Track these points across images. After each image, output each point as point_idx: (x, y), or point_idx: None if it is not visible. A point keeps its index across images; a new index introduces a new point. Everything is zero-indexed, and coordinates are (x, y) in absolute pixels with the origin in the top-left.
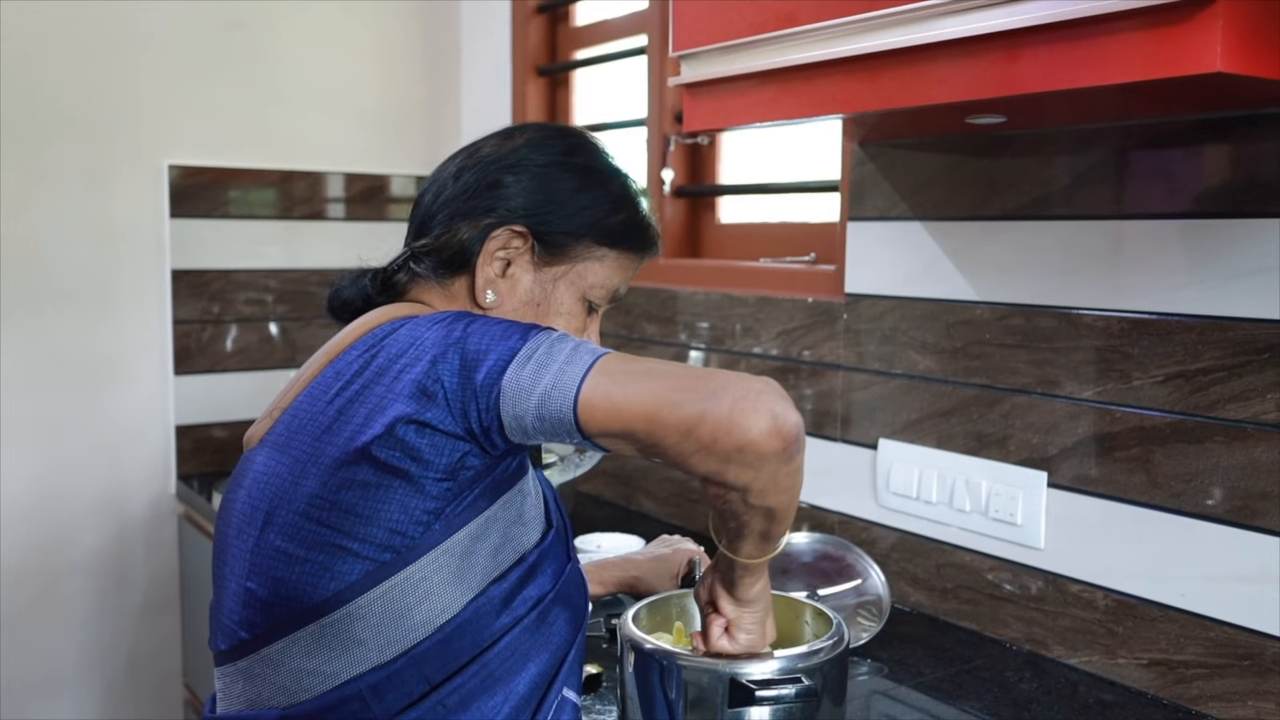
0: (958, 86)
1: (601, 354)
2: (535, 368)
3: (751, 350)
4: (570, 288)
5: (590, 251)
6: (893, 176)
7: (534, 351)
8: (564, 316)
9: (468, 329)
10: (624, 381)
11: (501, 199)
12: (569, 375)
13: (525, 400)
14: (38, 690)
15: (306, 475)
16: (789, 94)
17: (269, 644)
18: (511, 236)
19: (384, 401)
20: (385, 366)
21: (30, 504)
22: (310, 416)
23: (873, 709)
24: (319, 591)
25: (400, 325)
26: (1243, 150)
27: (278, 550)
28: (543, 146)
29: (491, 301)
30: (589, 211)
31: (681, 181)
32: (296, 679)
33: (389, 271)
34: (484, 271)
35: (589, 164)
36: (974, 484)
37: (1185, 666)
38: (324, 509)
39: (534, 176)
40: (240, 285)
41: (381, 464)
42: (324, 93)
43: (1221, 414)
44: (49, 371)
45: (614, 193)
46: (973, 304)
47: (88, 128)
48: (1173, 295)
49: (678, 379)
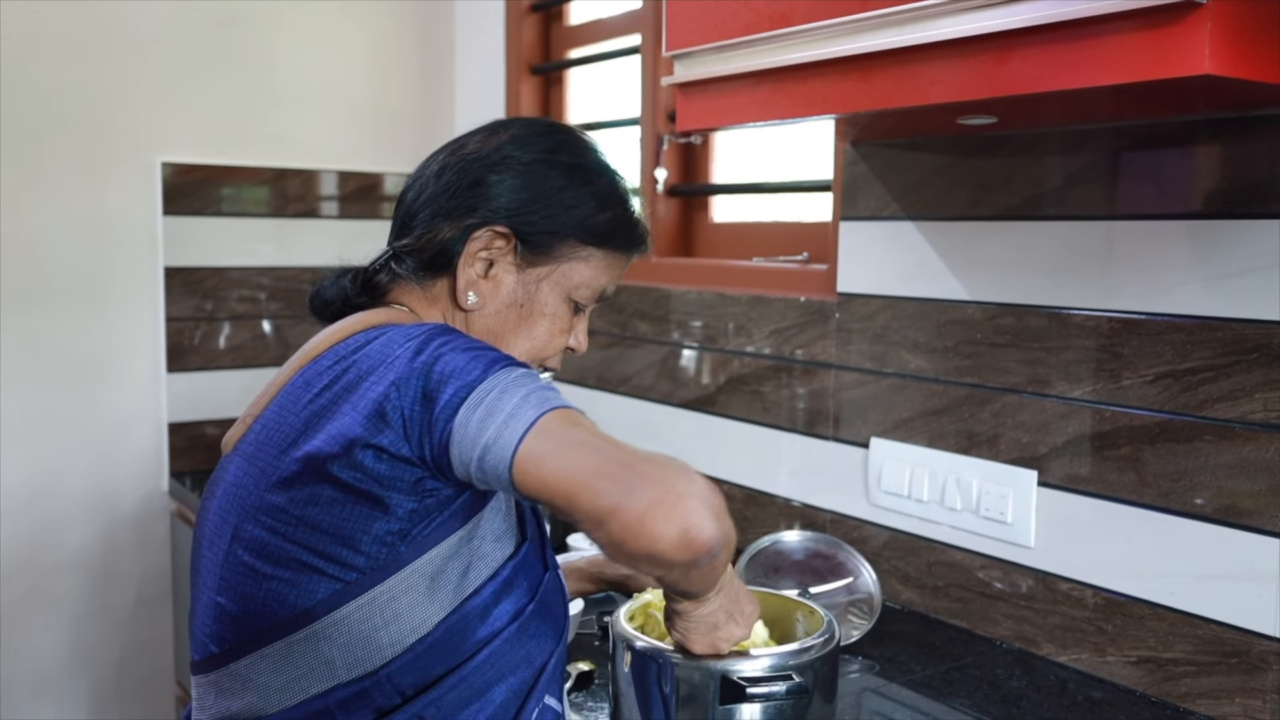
0: (950, 87)
1: (546, 410)
2: (483, 415)
3: (744, 349)
4: (555, 288)
5: (575, 251)
6: (885, 176)
7: (486, 395)
8: (548, 318)
9: (437, 352)
10: (556, 451)
11: (484, 198)
12: (509, 433)
13: (470, 450)
14: (28, 687)
15: (272, 489)
16: (782, 94)
17: (237, 659)
18: (494, 237)
19: (346, 420)
20: (353, 383)
21: (22, 500)
22: (278, 427)
23: (864, 706)
24: (286, 609)
25: (374, 337)
26: (1233, 151)
27: (245, 565)
28: (528, 143)
29: (473, 303)
30: (574, 210)
31: (674, 181)
32: (264, 694)
33: (369, 272)
34: (465, 273)
35: (575, 161)
36: (965, 483)
37: (1174, 664)
38: (290, 524)
39: (518, 175)
40: (233, 283)
41: (343, 484)
42: (317, 91)
43: (1210, 413)
44: (41, 368)
45: (601, 190)
46: (964, 303)
47: (80, 125)
48: (1163, 295)
49: (605, 463)
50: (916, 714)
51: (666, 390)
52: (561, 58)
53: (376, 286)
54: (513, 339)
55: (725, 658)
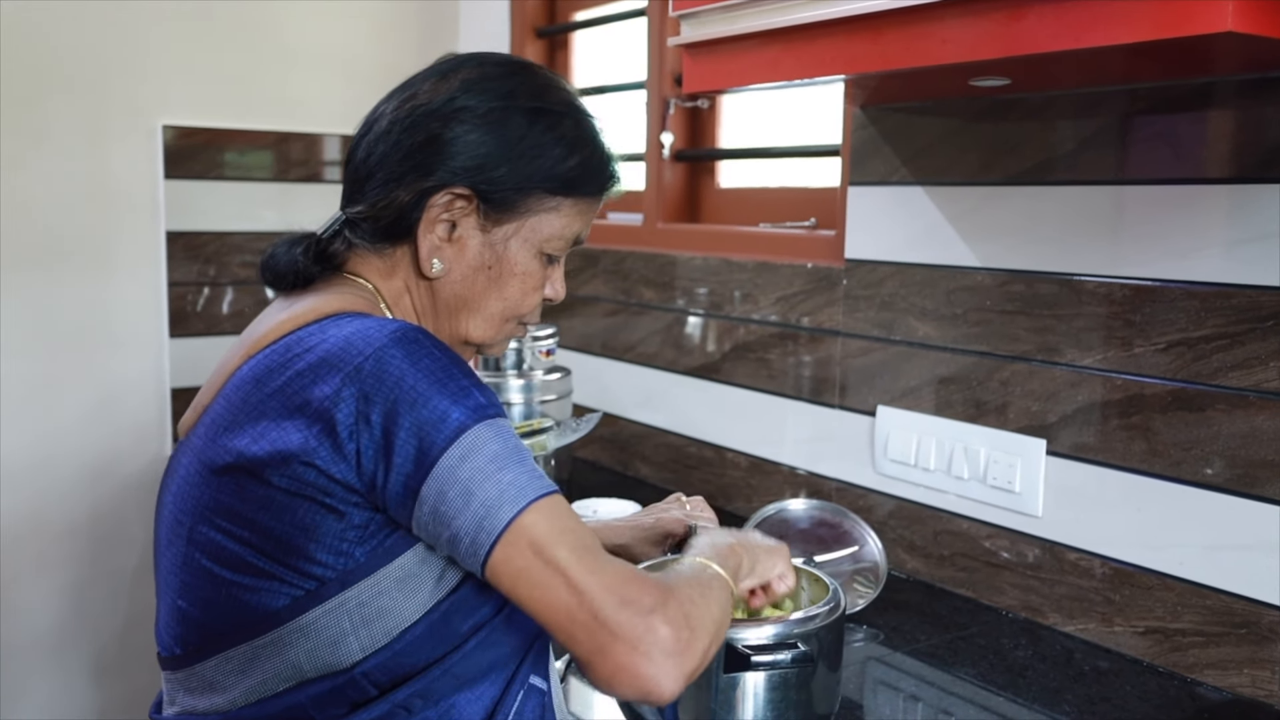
0: (962, 47)
1: (522, 508)
2: (460, 493)
3: (750, 316)
4: (524, 244)
5: (543, 203)
6: (894, 141)
7: (462, 462)
8: (519, 276)
9: (400, 374)
10: (531, 577)
11: (440, 157)
12: (483, 535)
13: (439, 530)
14: (31, 651)
15: (223, 489)
16: (790, 54)
17: (202, 661)
18: (454, 199)
19: (285, 429)
20: (301, 386)
21: (25, 466)
22: (226, 424)
23: (868, 675)
24: (249, 613)
25: (328, 333)
26: (1251, 114)
27: (204, 570)
28: (481, 89)
29: (438, 271)
30: (539, 160)
31: (681, 145)
32: (230, 694)
33: (322, 241)
34: (427, 240)
35: (535, 105)
36: (972, 451)
37: (1182, 634)
38: (243, 527)
39: (474, 127)
40: (235, 248)
41: (284, 490)
42: (320, 54)
43: (1223, 382)
44: (43, 333)
45: (566, 134)
46: (973, 270)
47: (81, 87)
48: (1176, 262)
49: (578, 610)
50: (921, 683)
51: (672, 358)
52: (567, 20)
53: (332, 255)
54: (483, 302)
55: (733, 625)
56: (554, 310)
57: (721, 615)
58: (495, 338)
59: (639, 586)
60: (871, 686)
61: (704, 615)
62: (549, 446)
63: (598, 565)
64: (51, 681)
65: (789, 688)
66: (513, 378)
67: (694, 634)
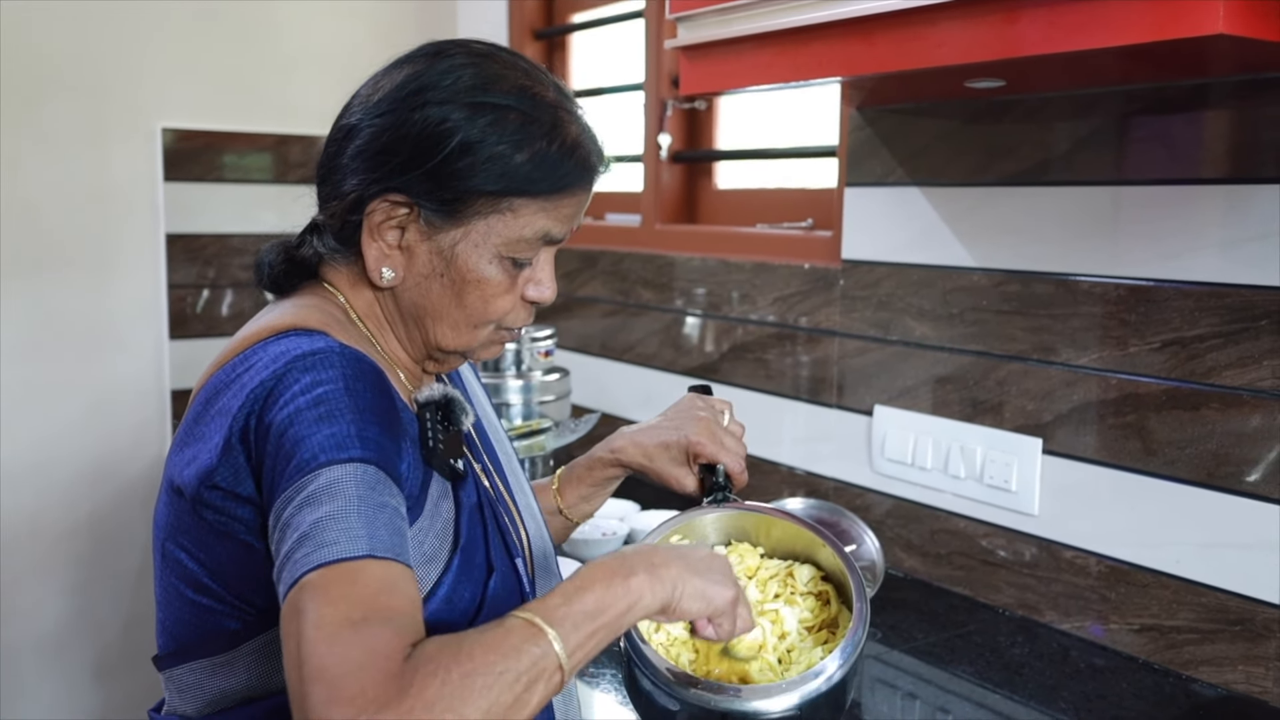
0: (957, 49)
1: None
2: (280, 535)
3: (748, 317)
4: (476, 250)
5: (493, 205)
6: (891, 142)
7: (290, 503)
8: (474, 284)
9: (286, 400)
10: (284, 639)
11: (375, 162)
12: (284, 579)
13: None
14: (32, 653)
15: (181, 508)
16: (786, 56)
17: (178, 665)
18: (392, 206)
19: (208, 450)
20: (226, 406)
21: (25, 468)
22: (180, 441)
23: (865, 674)
24: (208, 632)
25: (266, 351)
26: (1245, 115)
27: (173, 586)
28: (421, 86)
29: (389, 279)
30: (478, 162)
31: (679, 147)
32: (197, 703)
33: (290, 249)
34: (371, 248)
35: (476, 100)
36: (969, 450)
37: (1177, 632)
38: (202, 551)
39: (408, 129)
40: (235, 250)
41: (216, 527)
42: (319, 56)
43: (1218, 381)
44: (43, 335)
45: (510, 130)
46: (970, 270)
47: (80, 89)
48: (1171, 262)
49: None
50: (918, 681)
51: (670, 358)
52: (565, 22)
53: (306, 262)
54: (444, 311)
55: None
56: (552, 311)
57: (502, 703)
58: (472, 345)
59: (365, 680)
60: (869, 685)
61: (461, 711)
62: (547, 447)
63: (340, 645)
64: (53, 682)
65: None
66: (511, 378)
67: None
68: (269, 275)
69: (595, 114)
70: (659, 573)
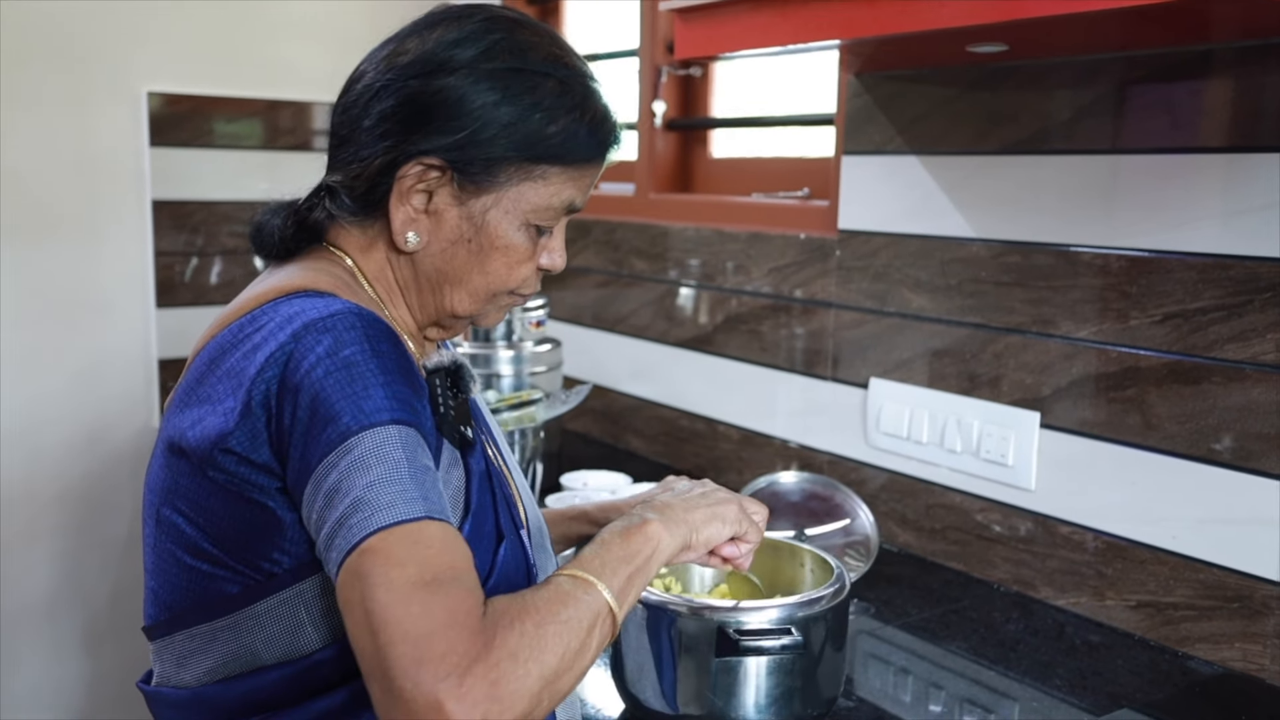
0: (959, 10)
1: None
2: (325, 503)
3: (743, 288)
4: (506, 217)
5: (526, 172)
6: (889, 109)
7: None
8: (501, 250)
9: (313, 362)
10: (349, 607)
11: (411, 125)
12: (338, 545)
13: (314, 530)
14: (20, 621)
15: (180, 471)
16: (784, 19)
17: (171, 634)
18: (426, 170)
19: (218, 412)
20: (235, 366)
21: (12, 436)
22: (181, 402)
23: (859, 648)
24: (206, 598)
25: (277, 312)
26: (1251, 82)
27: (168, 551)
28: (455, 49)
29: (414, 244)
30: (516, 128)
31: (673, 114)
32: (195, 672)
33: (301, 211)
34: (400, 212)
35: (512, 66)
36: (965, 424)
37: (1174, 608)
38: (202, 515)
39: (445, 93)
40: (224, 217)
41: (226, 488)
42: (310, 20)
43: (1220, 354)
44: (28, 302)
45: (546, 98)
46: (968, 241)
47: (62, 52)
48: (1174, 232)
49: (375, 655)
50: (912, 656)
51: (663, 329)
52: None
53: (313, 226)
54: (465, 276)
55: (729, 610)
56: (544, 281)
57: (572, 649)
58: (483, 310)
59: (453, 637)
60: (862, 660)
61: (541, 659)
62: (538, 418)
63: (419, 606)
64: (42, 650)
65: (790, 673)
66: (502, 349)
67: (513, 697)
68: (279, 240)
69: (606, 83)
70: (668, 514)
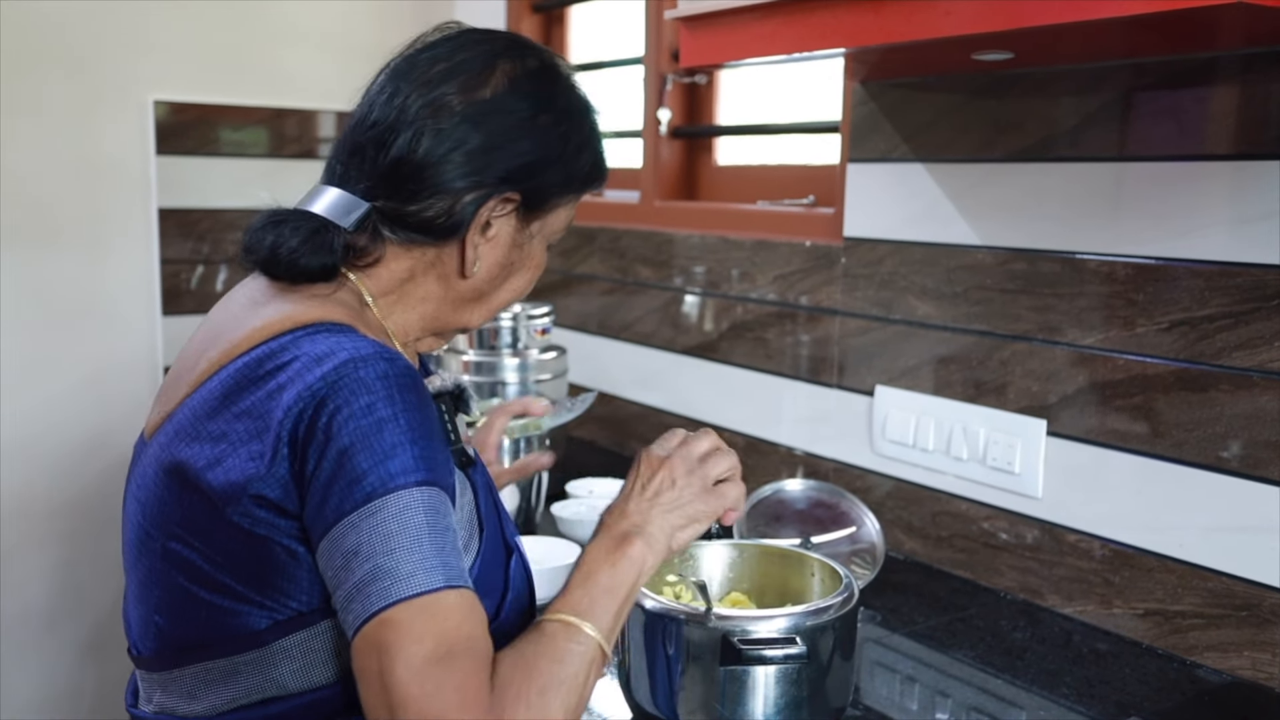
0: (965, 19)
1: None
2: (343, 564)
3: (748, 295)
4: (542, 239)
5: (566, 200)
6: (895, 117)
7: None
8: (531, 269)
9: (348, 414)
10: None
11: (493, 161)
12: (355, 610)
13: (331, 585)
14: (22, 628)
15: (193, 505)
16: (789, 27)
17: (180, 668)
18: (501, 202)
19: (240, 456)
20: (258, 406)
21: (16, 443)
22: (191, 434)
23: (865, 657)
24: (228, 632)
25: (300, 348)
26: (1258, 89)
27: (180, 587)
28: (522, 89)
29: (477, 270)
30: (573, 162)
31: (678, 122)
32: (210, 702)
33: (350, 236)
34: (474, 241)
35: (566, 106)
36: (972, 432)
37: (1182, 617)
38: (219, 552)
39: (521, 131)
40: (229, 225)
41: (251, 532)
42: (315, 29)
43: (1227, 362)
44: (35, 310)
45: (584, 134)
46: (974, 248)
47: (70, 60)
48: (1181, 240)
49: None
50: (919, 665)
51: (669, 337)
52: None
53: (362, 250)
54: (495, 294)
55: (736, 619)
56: (549, 289)
57: (572, 704)
58: (486, 321)
59: (466, 715)
60: (869, 668)
61: None
62: (544, 426)
63: (433, 685)
64: (42, 658)
65: (798, 683)
66: (508, 356)
67: None
68: (304, 265)
69: (596, 89)
70: (647, 532)
